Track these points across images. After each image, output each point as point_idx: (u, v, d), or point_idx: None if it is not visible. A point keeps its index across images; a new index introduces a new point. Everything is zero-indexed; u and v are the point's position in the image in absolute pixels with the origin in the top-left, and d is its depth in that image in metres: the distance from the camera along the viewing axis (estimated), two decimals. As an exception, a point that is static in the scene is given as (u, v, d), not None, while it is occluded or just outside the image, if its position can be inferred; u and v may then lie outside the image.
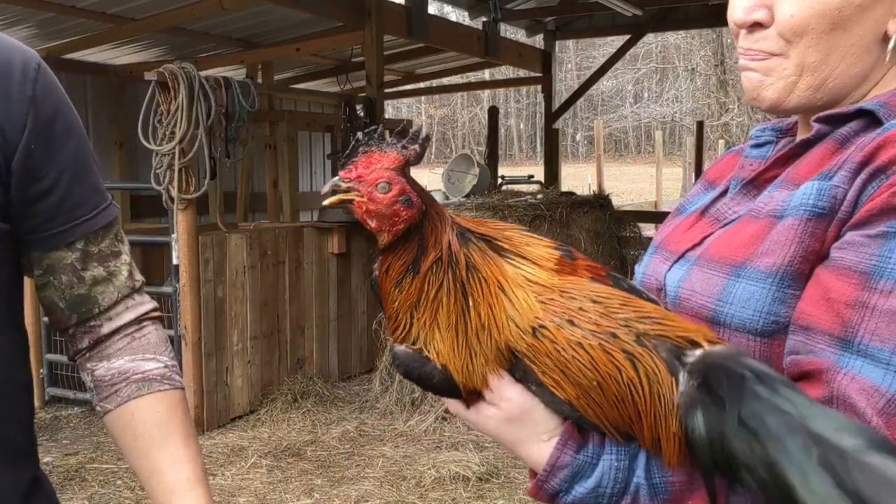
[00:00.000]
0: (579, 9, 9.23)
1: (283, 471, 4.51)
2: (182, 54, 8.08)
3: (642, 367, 0.80)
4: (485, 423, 0.90)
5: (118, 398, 1.14)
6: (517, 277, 0.84)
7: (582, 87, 11.15)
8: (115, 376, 1.14)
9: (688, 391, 0.78)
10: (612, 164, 33.83)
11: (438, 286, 0.82)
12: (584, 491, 0.85)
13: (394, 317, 0.85)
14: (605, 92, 39.46)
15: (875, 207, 0.81)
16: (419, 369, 0.86)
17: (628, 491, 0.84)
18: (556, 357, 0.81)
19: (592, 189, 11.30)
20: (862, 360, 0.78)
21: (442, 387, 0.87)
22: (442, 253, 0.81)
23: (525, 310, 0.83)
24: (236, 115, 5.25)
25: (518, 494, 4.16)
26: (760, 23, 0.95)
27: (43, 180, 1.05)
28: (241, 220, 6.91)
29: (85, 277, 1.12)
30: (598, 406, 0.82)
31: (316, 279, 6.12)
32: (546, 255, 0.86)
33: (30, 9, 6.40)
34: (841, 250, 0.83)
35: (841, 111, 0.93)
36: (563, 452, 0.86)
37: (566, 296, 0.83)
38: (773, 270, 0.87)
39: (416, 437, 5.06)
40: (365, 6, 6.62)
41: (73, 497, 4.15)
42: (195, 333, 5.04)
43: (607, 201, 6.99)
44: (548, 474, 0.87)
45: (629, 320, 0.82)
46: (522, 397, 0.86)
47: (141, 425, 1.14)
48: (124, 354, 1.15)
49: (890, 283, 0.78)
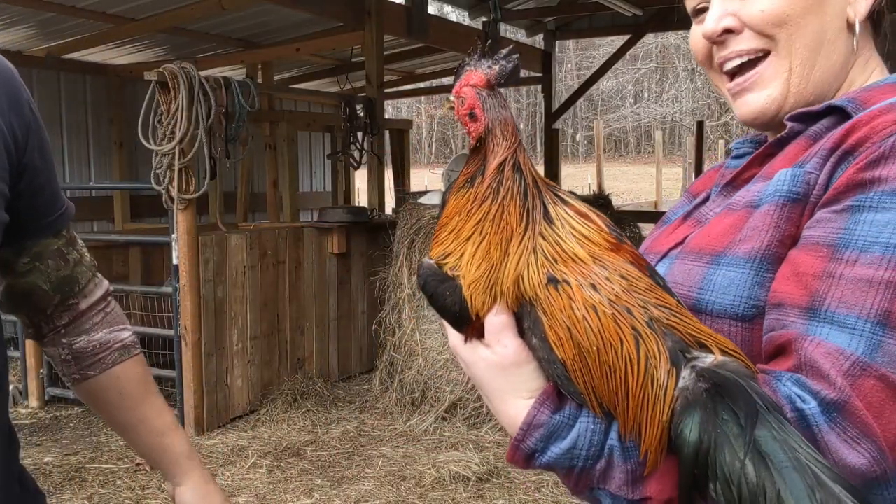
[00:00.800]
0: (579, 9, 9.23)
1: (283, 471, 4.51)
2: (182, 54, 8.08)
3: (644, 347, 0.80)
4: (475, 364, 0.91)
5: (103, 365, 1.31)
6: (561, 228, 0.86)
7: (582, 87, 11.16)
8: (97, 347, 1.30)
9: (693, 389, 0.78)
10: (612, 164, 33.84)
11: (479, 206, 0.86)
12: (559, 452, 0.85)
13: (440, 227, 0.89)
14: (605, 92, 39.47)
15: (841, 184, 0.84)
16: (436, 285, 0.87)
17: (602, 455, 0.84)
18: (569, 313, 0.82)
19: (592, 189, 11.30)
20: (829, 326, 0.80)
21: (450, 309, 0.87)
22: (492, 174, 0.86)
23: (550, 258, 0.84)
24: (236, 115, 5.24)
25: (518, 494, 4.16)
26: (731, 29, 0.97)
27: (41, 176, 1.17)
28: (241, 220, 6.91)
29: (69, 260, 1.27)
30: (590, 373, 0.82)
31: (316, 279, 6.12)
32: (600, 224, 0.88)
33: (30, 9, 6.41)
34: (810, 228, 0.86)
35: (812, 109, 0.96)
36: (540, 411, 0.86)
37: (598, 264, 0.84)
38: (752, 256, 0.89)
39: (416, 437, 5.06)
40: (365, 6, 6.62)
41: (73, 497, 4.15)
42: (195, 333, 5.04)
43: (607, 201, 7.00)
44: (524, 433, 0.87)
45: (647, 303, 0.83)
46: (519, 349, 0.87)
47: (126, 384, 1.32)
48: (102, 328, 1.32)
49: (855, 253, 0.80)
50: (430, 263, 0.89)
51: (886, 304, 0.78)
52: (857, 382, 0.77)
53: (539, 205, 0.86)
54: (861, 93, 0.94)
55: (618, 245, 0.87)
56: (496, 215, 0.85)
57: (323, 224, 6.18)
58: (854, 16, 0.96)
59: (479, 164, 0.87)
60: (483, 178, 0.86)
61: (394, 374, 5.56)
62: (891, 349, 0.77)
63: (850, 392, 0.76)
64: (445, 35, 8.03)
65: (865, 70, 1.01)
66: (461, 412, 5.22)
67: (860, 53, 0.99)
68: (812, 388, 0.78)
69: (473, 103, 0.87)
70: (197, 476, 1.35)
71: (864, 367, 0.77)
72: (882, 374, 0.76)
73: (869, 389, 0.76)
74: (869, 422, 0.76)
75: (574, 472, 0.86)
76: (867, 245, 0.80)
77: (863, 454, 0.76)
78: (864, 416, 0.76)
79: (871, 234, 0.80)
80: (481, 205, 0.86)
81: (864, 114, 0.88)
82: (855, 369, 0.77)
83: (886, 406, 0.76)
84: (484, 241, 0.85)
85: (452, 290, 0.87)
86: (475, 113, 0.87)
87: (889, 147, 0.82)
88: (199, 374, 5.07)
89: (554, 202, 0.88)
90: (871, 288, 0.79)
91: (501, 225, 0.85)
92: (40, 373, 5.64)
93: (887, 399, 0.76)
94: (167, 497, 1.31)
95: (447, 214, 0.89)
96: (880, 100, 0.90)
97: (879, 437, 0.76)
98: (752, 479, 0.71)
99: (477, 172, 0.87)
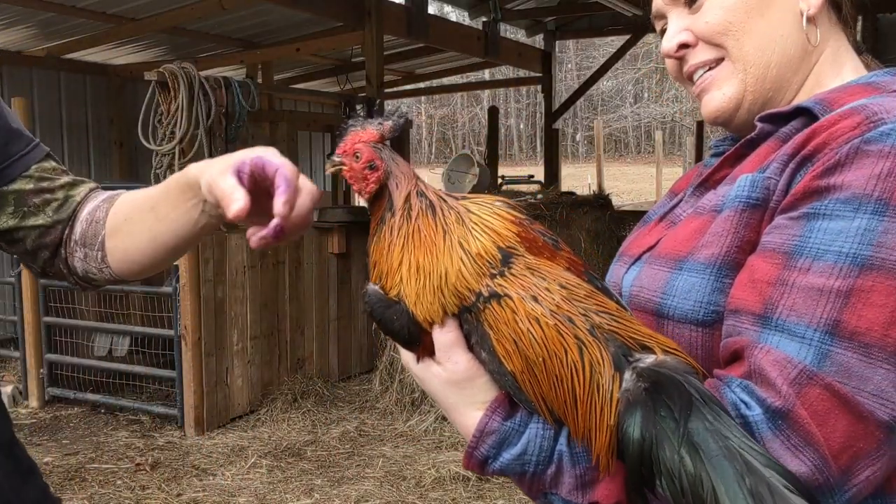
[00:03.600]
0: (579, 9, 9.23)
1: (283, 471, 4.51)
2: (182, 54, 8.08)
3: (588, 354, 0.83)
4: (430, 381, 0.94)
5: (109, 203, 1.23)
6: (465, 232, 0.89)
7: (582, 87, 11.16)
8: (98, 204, 1.23)
9: (633, 390, 0.80)
10: (612, 164, 33.83)
11: (399, 234, 0.90)
12: (511, 457, 0.88)
13: (373, 266, 0.93)
14: (605, 92, 39.46)
15: (798, 191, 0.85)
16: (383, 311, 0.90)
17: (552, 460, 0.86)
18: (514, 327, 0.85)
19: (592, 189, 11.31)
20: (779, 335, 0.81)
21: (399, 333, 0.91)
22: (401, 205, 0.91)
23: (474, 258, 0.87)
24: (236, 115, 5.25)
25: (518, 494, 4.16)
26: (686, 43, 1.02)
27: None
28: (241, 220, 6.91)
29: (53, 188, 1.23)
30: (539, 383, 0.84)
31: (316, 279, 6.12)
32: (503, 231, 0.90)
33: (30, 9, 6.41)
34: (768, 234, 0.87)
35: (781, 110, 0.97)
36: (492, 419, 0.89)
37: (537, 275, 0.87)
38: (712, 261, 0.90)
39: (416, 437, 5.06)
40: (365, 6, 6.62)
41: (73, 497, 4.15)
42: (195, 333, 5.04)
43: (607, 201, 6.99)
44: (477, 440, 0.89)
45: (588, 310, 0.85)
46: (469, 364, 0.90)
47: (137, 196, 1.22)
48: (97, 198, 1.25)
49: (808, 261, 0.81)
50: (374, 289, 0.92)
51: (836, 314, 0.78)
52: (802, 391, 0.77)
53: (450, 213, 0.90)
54: (830, 94, 0.94)
55: (553, 252, 0.89)
56: (414, 233, 0.89)
57: (323, 224, 6.18)
58: (806, 9, 0.98)
59: (386, 205, 0.91)
60: (393, 212, 0.91)
61: (394, 374, 5.56)
62: (838, 359, 0.77)
63: (794, 400, 0.77)
64: (445, 35, 8.02)
65: (836, 64, 1.01)
66: (461, 412, 5.22)
67: (825, 45, 1.00)
68: (759, 395, 0.79)
69: (371, 156, 0.91)
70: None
71: (811, 375, 0.78)
72: (828, 383, 0.77)
73: (814, 398, 0.77)
74: (812, 430, 0.77)
75: (526, 477, 0.88)
76: (820, 253, 0.81)
77: (804, 462, 0.77)
78: (808, 424, 0.77)
79: (824, 243, 0.81)
80: (399, 232, 0.90)
81: (824, 118, 0.88)
82: (802, 378, 0.78)
83: (831, 415, 0.77)
84: (413, 259, 0.88)
85: (399, 314, 0.90)
86: (375, 163, 0.91)
87: (845, 154, 0.83)
88: (199, 374, 5.06)
89: (459, 210, 0.91)
90: (822, 297, 0.79)
91: (422, 239, 0.89)
92: (40, 373, 5.63)
93: (832, 408, 0.77)
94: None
95: (374, 258, 0.92)
96: (847, 101, 0.90)
97: (822, 445, 0.77)
98: (691, 470, 0.72)
99: (385, 212, 0.91)
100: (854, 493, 0.79)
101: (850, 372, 0.77)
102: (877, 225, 0.79)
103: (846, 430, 0.77)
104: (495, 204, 0.92)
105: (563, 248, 0.91)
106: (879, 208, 0.79)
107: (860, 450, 0.77)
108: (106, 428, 5.26)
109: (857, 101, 0.89)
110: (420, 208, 0.90)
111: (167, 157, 4.84)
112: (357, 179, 0.92)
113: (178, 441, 4.98)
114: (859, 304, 0.78)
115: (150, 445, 4.88)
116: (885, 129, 0.82)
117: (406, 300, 0.88)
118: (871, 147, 0.82)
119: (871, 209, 0.79)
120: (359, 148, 0.92)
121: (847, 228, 0.80)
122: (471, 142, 38.54)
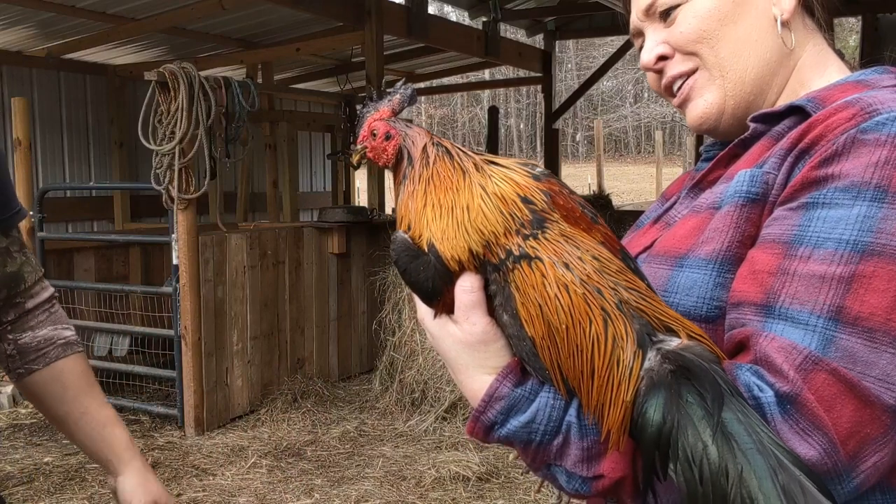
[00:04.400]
0: (579, 9, 9.24)
1: (283, 471, 4.51)
2: (182, 54, 8.08)
3: (612, 327, 0.82)
4: (443, 339, 0.92)
5: (47, 359, 1.39)
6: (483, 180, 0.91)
7: (582, 87, 11.16)
8: (41, 342, 1.39)
9: (658, 371, 0.80)
10: (612, 164, 33.83)
11: (419, 182, 0.92)
12: (518, 425, 0.87)
13: (400, 220, 0.93)
14: (605, 92, 39.47)
15: (797, 182, 0.86)
16: (409, 261, 0.89)
17: (560, 430, 0.85)
18: (541, 291, 0.84)
19: (592, 189, 11.30)
20: (783, 322, 0.81)
21: (423, 285, 0.89)
22: (419, 155, 0.93)
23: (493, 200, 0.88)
24: (236, 115, 5.25)
25: (518, 494, 4.16)
26: (664, 55, 1.04)
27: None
28: (241, 220, 6.91)
29: (17, 258, 1.36)
30: (558, 351, 0.84)
31: (316, 279, 6.12)
32: (522, 181, 0.90)
33: (30, 9, 6.41)
34: (768, 227, 0.88)
35: (773, 110, 0.98)
36: (503, 384, 0.88)
37: (571, 243, 0.86)
38: (713, 257, 0.91)
39: (416, 437, 5.06)
40: (365, 6, 6.62)
41: (73, 497, 4.15)
42: (195, 333, 5.04)
43: (607, 201, 7.00)
44: (485, 405, 0.88)
45: (618, 285, 0.84)
46: (487, 327, 0.88)
47: (69, 377, 1.41)
48: (46, 325, 1.41)
49: (808, 249, 0.82)
50: (403, 237, 0.91)
51: (839, 300, 0.79)
52: (809, 376, 0.78)
53: (467, 158, 0.92)
54: (821, 92, 0.95)
55: (590, 225, 0.89)
56: (433, 176, 0.91)
57: (323, 224, 6.18)
58: (779, 14, 0.99)
59: (406, 163, 0.94)
60: (413, 164, 0.93)
61: (394, 374, 5.56)
62: (843, 344, 0.78)
63: (801, 385, 0.78)
64: (445, 35, 8.02)
65: (819, 66, 1.02)
66: (461, 412, 5.22)
67: (803, 49, 1.01)
68: (768, 380, 0.80)
69: (386, 128, 0.96)
70: (138, 464, 1.43)
71: (817, 361, 0.78)
72: (833, 368, 0.78)
73: (821, 383, 0.78)
74: (820, 414, 0.77)
75: (531, 446, 0.87)
76: (820, 241, 0.82)
77: (813, 446, 0.77)
78: (816, 408, 0.77)
79: (823, 231, 0.82)
80: (420, 179, 0.91)
81: (820, 112, 0.90)
82: (807, 363, 0.78)
83: (838, 399, 0.77)
84: (435, 198, 0.90)
85: (426, 266, 0.88)
86: (390, 133, 0.95)
87: (842, 144, 0.84)
88: (199, 374, 5.07)
89: (477, 160, 0.93)
90: (824, 284, 0.80)
91: (441, 179, 0.90)
92: (40, 373, 5.63)
93: (839, 393, 0.77)
94: (109, 491, 1.41)
95: (400, 213, 0.93)
96: (839, 98, 0.91)
97: (830, 429, 0.77)
98: (715, 459, 0.72)
99: (406, 168, 0.94)
100: (861, 481, 0.79)
101: (855, 357, 0.78)
102: (876, 212, 0.80)
103: (853, 415, 0.77)
104: (521, 166, 0.92)
105: (600, 223, 0.90)
106: (878, 195, 0.80)
107: (867, 435, 0.78)
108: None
109: (851, 96, 0.90)
110: (437, 154, 0.92)
111: (167, 157, 4.84)
112: (378, 153, 0.95)
113: (178, 441, 4.98)
114: (861, 289, 0.78)
115: (150, 445, 4.88)
116: (881, 118, 0.83)
117: (433, 239, 0.88)
118: (868, 136, 0.83)
119: (869, 196, 0.80)
120: (375, 125, 0.95)
121: (846, 216, 0.81)
122: (471, 142, 38.54)
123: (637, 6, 1.06)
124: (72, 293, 5.80)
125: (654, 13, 1.04)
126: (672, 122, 37.12)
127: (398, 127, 0.95)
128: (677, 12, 1.01)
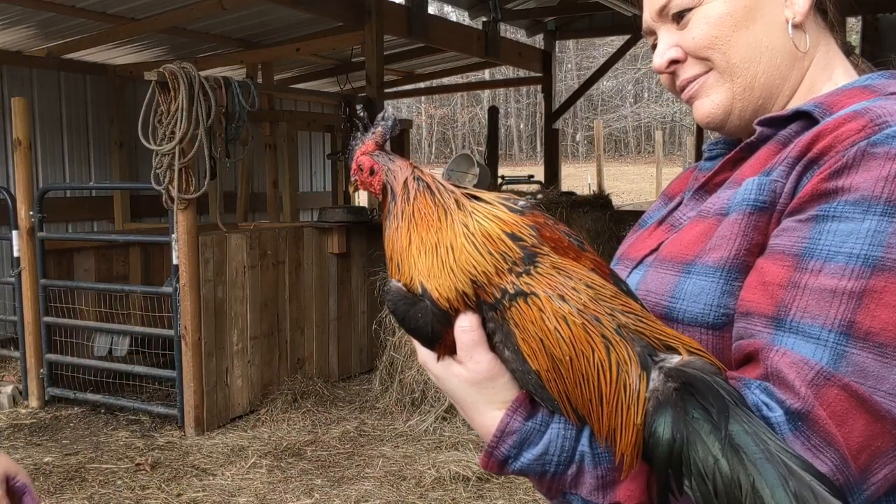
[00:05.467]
0: (579, 9, 9.24)
1: (283, 471, 4.51)
2: (182, 54, 8.08)
3: (615, 353, 0.82)
4: (449, 380, 0.93)
5: None
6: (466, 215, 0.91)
7: (582, 87, 11.16)
8: None
9: (662, 390, 0.80)
10: (612, 164, 33.82)
11: (402, 219, 0.93)
12: (532, 457, 0.87)
13: (389, 259, 0.94)
14: (605, 92, 39.47)
15: (806, 194, 0.86)
16: (406, 309, 0.90)
17: (573, 460, 0.86)
18: (540, 325, 0.84)
19: (592, 189, 11.31)
20: (794, 336, 0.81)
21: (423, 330, 0.90)
22: (400, 191, 0.95)
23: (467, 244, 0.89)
24: (236, 115, 5.25)
25: (518, 494, 4.16)
26: (676, 59, 1.04)
27: None
28: (241, 220, 6.91)
29: None
30: (564, 382, 0.84)
31: (316, 279, 6.12)
32: (507, 218, 0.91)
33: (30, 9, 6.41)
34: (777, 237, 0.88)
35: (780, 114, 0.98)
36: (513, 419, 0.88)
37: (563, 274, 0.87)
38: (721, 264, 0.91)
39: (416, 437, 5.06)
40: (365, 6, 6.62)
41: (73, 497, 4.15)
42: (195, 333, 5.04)
43: (607, 201, 7.00)
44: (498, 440, 0.89)
45: (614, 310, 0.85)
46: (492, 363, 0.89)
47: None
48: None
49: (819, 263, 0.82)
50: (397, 286, 0.91)
51: (850, 315, 0.79)
52: (820, 392, 0.78)
53: (448, 194, 0.92)
54: (828, 97, 0.95)
55: (579, 253, 0.90)
56: (415, 213, 0.92)
57: (323, 224, 6.18)
58: (791, 17, 0.99)
59: (390, 198, 0.96)
60: (395, 199, 0.94)
61: (394, 374, 5.56)
62: (854, 359, 0.78)
63: (813, 401, 0.78)
64: (445, 35, 8.03)
65: (827, 69, 1.02)
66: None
67: (815, 51, 1.01)
68: (778, 396, 0.79)
69: (370, 163, 0.98)
70: None
71: (828, 376, 0.78)
72: (845, 383, 0.78)
73: (832, 399, 0.78)
74: (832, 430, 0.77)
75: (546, 477, 0.88)
76: (831, 255, 0.81)
77: (825, 462, 0.77)
78: (828, 424, 0.77)
79: (834, 244, 0.82)
80: (402, 216, 0.93)
81: (829, 121, 0.89)
82: (819, 379, 0.78)
83: (849, 414, 0.77)
84: (416, 236, 0.91)
85: (424, 312, 0.89)
86: (374, 168, 0.98)
87: (852, 157, 0.83)
88: (199, 374, 5.07)
89: (458, 195, 0.93)
90: (835, 298, 0.80)
91: (422, 216, 0.92)
92: (40, 373, 5.63)
93: (850, 408, 0.77)
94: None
95: (388, 251, 0.94)
96: (846, 104, 0.91)
97: (842, 445, 0.77)
98: (727, 472, 0.72)
99: (389, 203, 0.96)
100: (871, 493, 0.79)
101: (867, 372, 0.78)
102: (886, 226, 0.80)
103: (864, 430, 0.77)
104: (503, 200, 0.93)
105: (588, 250, 0.91)
106: (888, 210, 0.80)
107: (878, 448, 0.78)
108: (106, 428, 5.26)
109: (858, 104, 0.89)
110: (417, 189, 0.93)
111: (167, 157, 4.84)
112: (366, 187, 0.99)
113: (178, 441, 4.98)
114: (872, 304, 0.78)
115: (150, 445, 4.89)
116: (890, 131, 0.83)
117: (422, 279, 0.89)
118: (878, 150, 0.82)
119: (880, 211, 0.80)
120: (361, 161, 0.99)
121: (857, 230, 0.81)
122: (471, 142, 38.53)
123: (650, 7, 1.07)
124: (72, 293, 5.80)
125: (667, 15, 1.04)
126: (672, 122, 37.11)
127: (381, 161, 0.97)
128: (690, 15, 1.01)
